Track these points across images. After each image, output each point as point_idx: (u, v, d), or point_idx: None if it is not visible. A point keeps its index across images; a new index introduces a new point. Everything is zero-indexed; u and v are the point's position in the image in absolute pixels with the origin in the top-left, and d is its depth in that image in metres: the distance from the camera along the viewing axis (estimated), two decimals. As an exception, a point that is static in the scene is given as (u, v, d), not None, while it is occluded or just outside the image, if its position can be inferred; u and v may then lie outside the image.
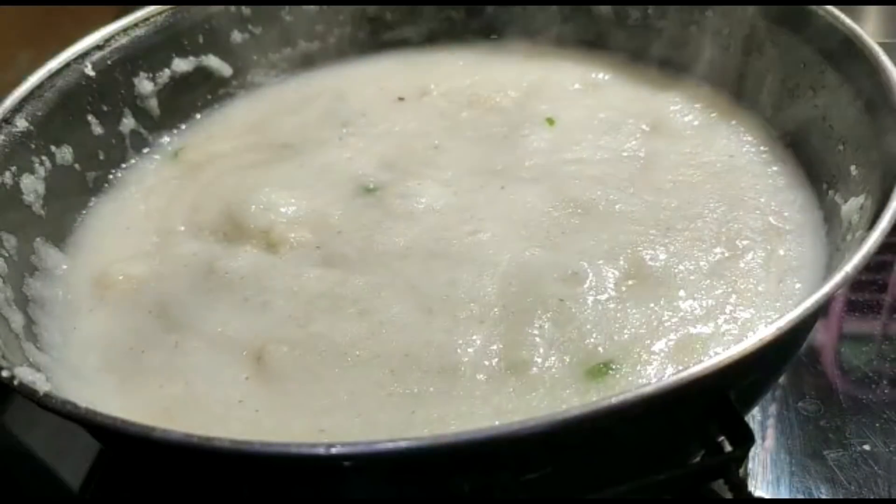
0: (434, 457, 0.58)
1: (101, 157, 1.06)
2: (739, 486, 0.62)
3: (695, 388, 0.59)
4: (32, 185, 0.94)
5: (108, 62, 1.06)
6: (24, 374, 0.64)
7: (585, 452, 0.63)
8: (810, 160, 0.97)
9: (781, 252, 0.88)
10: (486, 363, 0.79)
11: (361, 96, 1.18)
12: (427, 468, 0.60)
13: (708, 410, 0.65)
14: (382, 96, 1.18)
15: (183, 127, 1.16)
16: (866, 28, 0.94)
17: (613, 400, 0.58)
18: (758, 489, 0.87)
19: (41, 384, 0.64)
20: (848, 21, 0.93)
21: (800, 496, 0.88)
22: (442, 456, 0.58)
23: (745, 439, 0.63)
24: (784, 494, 0.88)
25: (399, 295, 0.86)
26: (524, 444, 0.58)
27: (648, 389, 0.57)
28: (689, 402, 0.63)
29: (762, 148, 1.01)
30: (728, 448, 0.65)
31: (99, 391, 0.81)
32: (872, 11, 1.25)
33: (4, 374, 0.63)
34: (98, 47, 1.05)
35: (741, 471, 0.76)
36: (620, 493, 0.64)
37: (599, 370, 0.78)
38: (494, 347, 0.80)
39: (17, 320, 0.82)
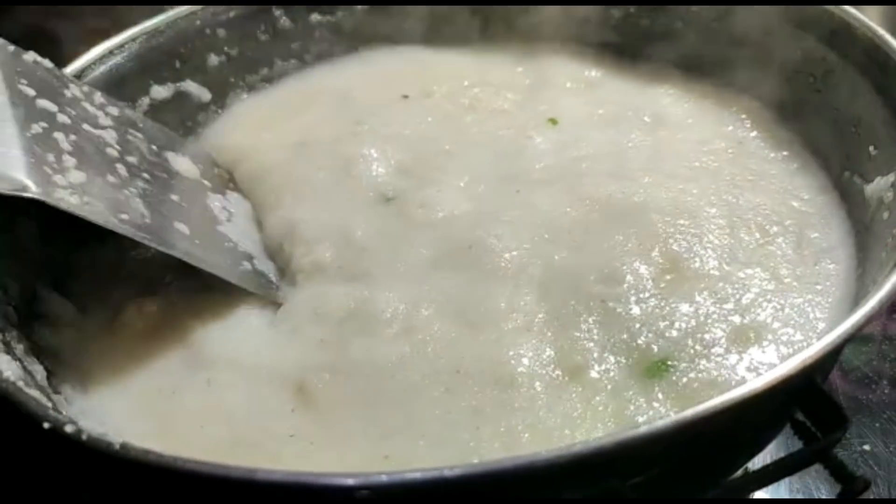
0: (551, 469, 0.55)
1: (89, 194, 1.00)
2: (841, 467, 0.61)
3: (798, 376, 0.58)
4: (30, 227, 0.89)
5: (88, 93, 1.01)
6: (91, 427, 0.59)
7: (691, 450, 0.62)
8: (817, 143, 0.98)
9: (811, 235, 0.88)
10: (542, 371, 0.77)
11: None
12: (540, 481, 0.58)
13: (796, 398, 0.64)
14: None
15: (167, 157, 1.11)
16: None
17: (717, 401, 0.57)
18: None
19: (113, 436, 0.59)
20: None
21: (800, 496, 0.87)
22: (557, 469, 0.56)
23: (840, 421, 0.62)
24: (784, 494, 0.88)
25: (437, 309, 0.83)
26: (637, 450, 0.56)
27: (775, 374, 0.56)
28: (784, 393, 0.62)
29: (767, 134, 1.02)
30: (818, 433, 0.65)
31: (136, 440, 0.75)
32: (872, 12, 1.27)
33: (68, 428, 0.58)
34: (76, 77, 1.00)
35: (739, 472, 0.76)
36: (720, 493, 0.62)
37: (658, 367, 0.77)
38: (547, 355, 0.78)
39: (38, 371, 0.76)
